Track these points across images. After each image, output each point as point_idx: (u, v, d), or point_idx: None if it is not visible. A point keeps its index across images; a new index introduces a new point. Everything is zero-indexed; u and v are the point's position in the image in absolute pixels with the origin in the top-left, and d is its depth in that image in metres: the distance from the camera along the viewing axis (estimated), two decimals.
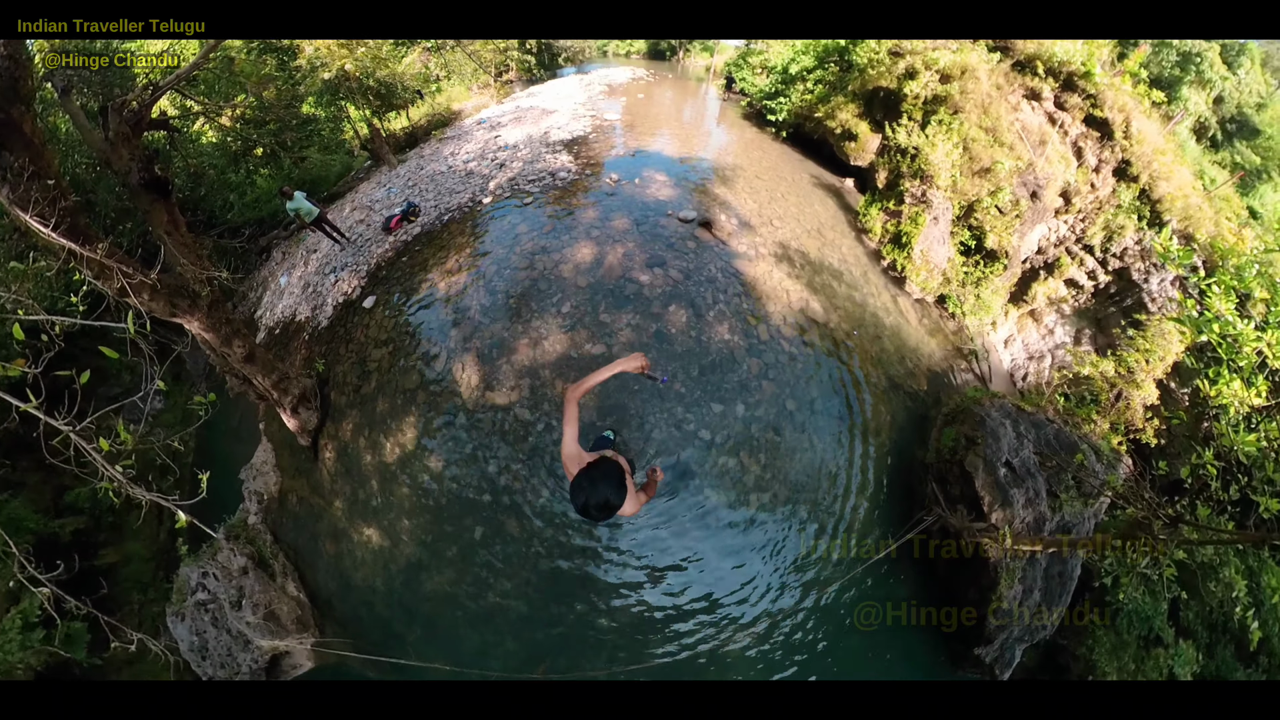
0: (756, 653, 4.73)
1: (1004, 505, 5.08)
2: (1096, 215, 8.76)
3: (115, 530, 7.03)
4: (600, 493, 2.00)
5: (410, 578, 5.08)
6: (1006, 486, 5.18)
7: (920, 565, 5.36)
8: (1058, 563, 5.40)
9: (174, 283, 4.68)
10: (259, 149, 10.25)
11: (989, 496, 5.13)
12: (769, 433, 5.26)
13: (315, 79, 9.15)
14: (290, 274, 9.21)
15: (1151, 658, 5.88)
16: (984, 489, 5.16)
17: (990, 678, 5.30)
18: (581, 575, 4.78)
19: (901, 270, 7.68)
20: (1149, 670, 5.82)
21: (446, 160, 10.02)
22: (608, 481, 2.03)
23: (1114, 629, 5.94)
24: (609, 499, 2.00)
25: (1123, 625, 5.95)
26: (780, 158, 9.75)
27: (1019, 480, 5.29)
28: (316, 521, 5.66)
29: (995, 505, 5.09)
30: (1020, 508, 5.13)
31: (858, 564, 4.99)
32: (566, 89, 11.92)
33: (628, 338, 5.50)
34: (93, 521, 6.88)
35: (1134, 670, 5.81)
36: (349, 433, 5.85)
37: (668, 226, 6.86)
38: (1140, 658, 5.88)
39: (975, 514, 5.14)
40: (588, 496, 1.99)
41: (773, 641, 4.79)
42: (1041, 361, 9.34)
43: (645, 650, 4.61)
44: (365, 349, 6.39)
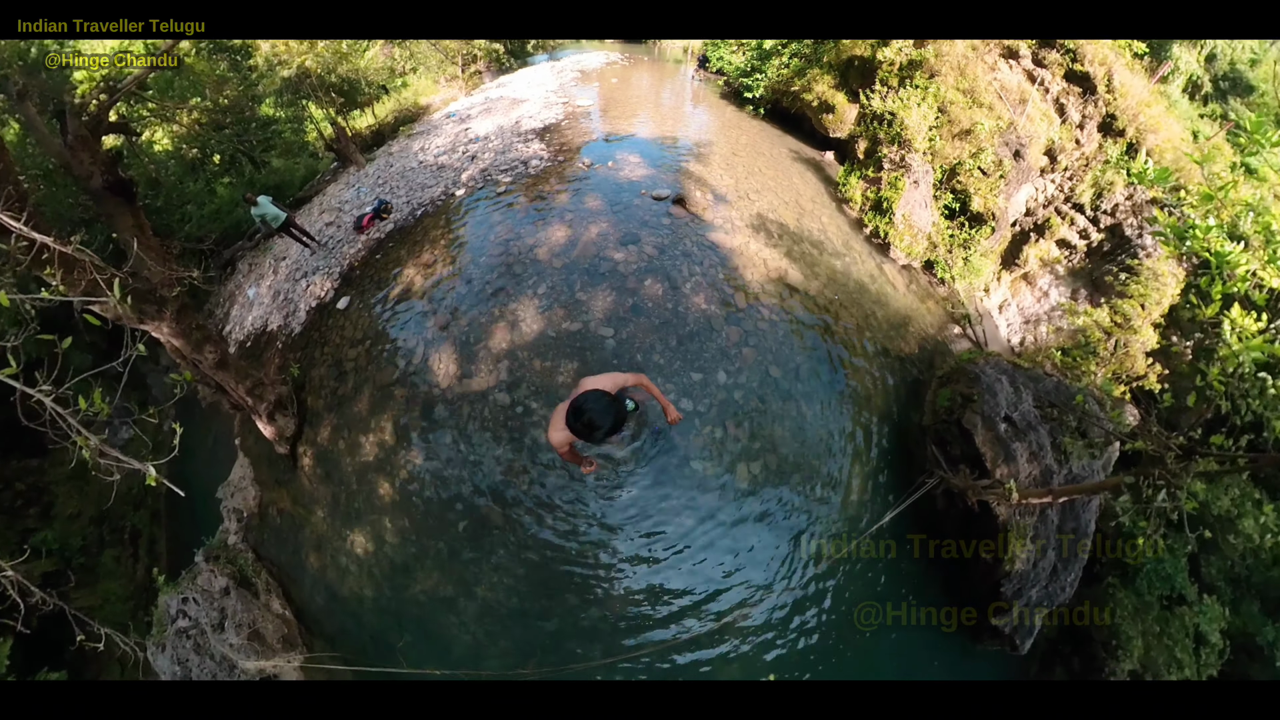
0: (758, 628, 4.62)
1: (1007, 460, 5.00)
2: (1084, 173, 8.86)
3: (88, 571, 6.87)
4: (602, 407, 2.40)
5: (397, 582, 4.98)
6: (1008, 441, 5.10)
7: (926, 529, 5.31)
8: (1071, 519, 5.30)
9: (142, 287, 4.68)
10: (217, 155, 10.28)
11: (990, 452, 5.05)
12: (753, 400, 5.18)
13: (274, 77, 9.19)
14: (259, 285, 9.16)
15: (1176, 617, 5.74)
16: (985, 445, 5.08)
17: (1012, 650, 5.17)
18: (569, 564, 4.67)
19: (885, 237, 7.74)
20: (1174, 631, 5.68)
21: (416, 156, 10.05)
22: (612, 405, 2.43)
23: (1134, 590, 5.80)
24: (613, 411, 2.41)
25: (1143, 586, 5.82)
26: (758, 134, 9.84)
27: (1020, 434, 5.21)
28: (298, 533, 5.56)
29: (998, 461, 5.01)
30: (1024, 462, 5.04)
31: (861, 534, 5.01)
32: (538, 77, 12.00)
33: (604, 314, 5.48)
34: (63, 563, 6.70)
35: (1159, 633, 5.66)
36: (327, 436, 5.75)
37: (641, 205, 6.84)
38: (1164, 619, 5.75)
39: (978, 472, 5.06)
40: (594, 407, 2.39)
41: (772, 619, 4.68)
42: (1038, 325, 9.41)
43: (641, 637, 4.50)
44: (341, 350, 6.32)
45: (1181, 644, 5.68)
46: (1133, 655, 5.50)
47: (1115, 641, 5.54)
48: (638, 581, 4.63)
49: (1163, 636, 5.72)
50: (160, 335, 5.06)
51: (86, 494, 7.83)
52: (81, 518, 7.37)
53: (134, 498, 7.76)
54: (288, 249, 9.24)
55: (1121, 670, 5.50)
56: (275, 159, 11.12)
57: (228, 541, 5.86)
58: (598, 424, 2.37)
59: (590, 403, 2.39)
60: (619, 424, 2.45)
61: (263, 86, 9.62)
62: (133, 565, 7.37)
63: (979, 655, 5.40)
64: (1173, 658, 5.60)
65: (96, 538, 7.26)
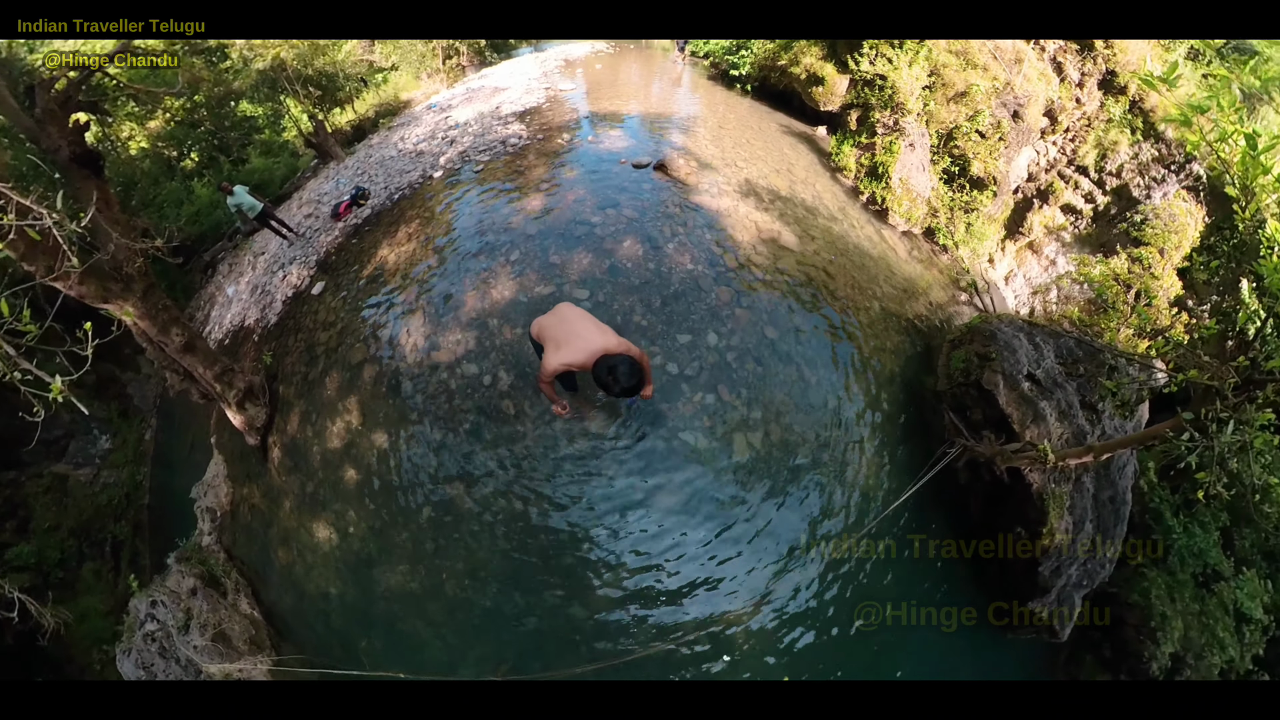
0: (764, 626, 4.05)
1: (1036, 420, 4.45)
2: (1086, 133, 8.50)
3: (67, 587, 6.55)
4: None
5: (362, 577, 4.52)
6: (1034, 399, 4.56)
7: (950, 504, 4.88)
8: (1107, 486, 4.75)
9: (107, 263, 4.47)
10: (195, 153, 10.07)
11: (1017, 413, 4.49)
12: (749, 363, 4.65)
13: (249, 71, 9.02)
14: (238, 282, 8.91)
15: (1214, 594, 5.32)
16: (1009, 405, 4.53)
17: (1051, 637, 4.58)
18: (546, 555, 4.13)
19: (882, 202, 7.34)
20: (1213, 608, 5.23)
21: (396, 145, 9.80)
22: None
23: (1166, 568, 5.32)
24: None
25: (1175, 564, 5.36)
26: (747, 111, 9.53)
27: (1046, 392, 4.67)
28: (268, 529, 5.19)
29: (1027, 421, 4.45)
30: (1054, 421, 4.50)
31: (880, 513, 4.50)
32: (521, 67, 11.79)
33: (579, 275, 5.01)
34: (40, 579, 6.40)
35: (1198, 611, 5.20)
36: (296, 423, 5.39)
37: (621, 173, 6.44)
38: (1201, 596, 5.31)
39: (1004, 437, 4.50)
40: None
41: (782, 614, 4.11)
42: (1047, 295, 8.96)
43: (631, 637, 3.94)
44: (314, 334, 6.01)
45: (1222, 622, 5.26)
46: (1172, 637, 5.00)
47: (1152, 624, 5.03)
48: (626, 574, 4.07)
49: (1202, 616, 5.28)
50: (124, 316, 4.72)
51: (66, 506, 7.56)
52: (60, 530, 7.06)
53: (114, 509, 7.48)
54: (266, 244, 9.01)
55: (1162, 654, 4.98)
56: (255, 157, 10.91)
57: (202, 543, 5.55)
58: (624, 384, 2.90)
59: (622, 364, 2.91)
60: (638, 388, 2.97)
61: (238, 81, 9.44)
62: (114, 578, 7.03)
63: (1006, 646, 4.88)
64: (1214, 638, 5.17)
65: (75, 551, 6.96)
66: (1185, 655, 5.12)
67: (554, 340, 3.21)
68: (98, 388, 8.69)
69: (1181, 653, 5.10)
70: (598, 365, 2.95)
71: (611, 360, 2.92)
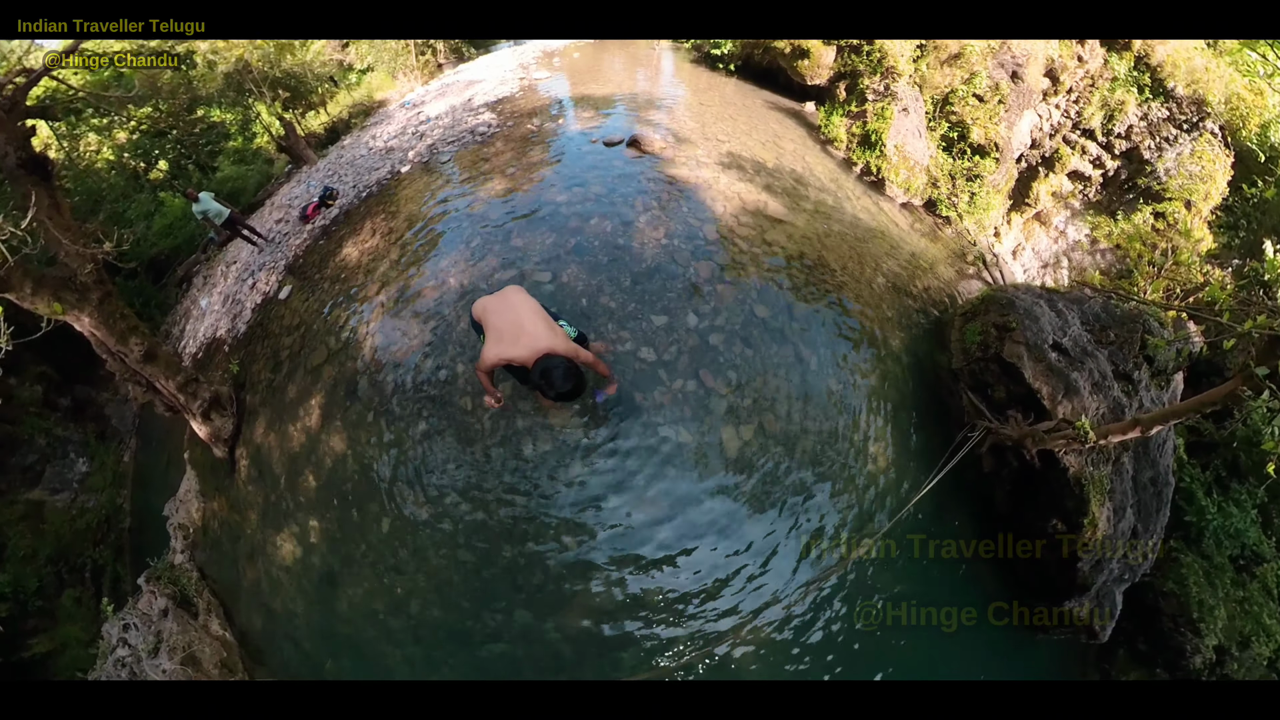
0: (764, 647, 3.51)
1: (1069, 394, 3.85)
2: (1090, 94, 7.95)
3: (46, 615, 6.22)
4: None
5: (325, 594, 4.13)
6: (1065, 371, 3.96)
7: (972, 497, 4.33)
8: (1148, 466, 4.16)
9: (59, 274, 4.35)
10: (163, 163, 9.72)
11: (1047, 387, 3.91)
12: (737, 345, 4.07)
13: (214, 75, 8.67)
14: (211, 294, 8.58)
15: (1256, 578, 4.87)
16: (1037, 379, 3.95)
17: (1090, 638, 4.02)
18: (514, 570, 3.62)
19: (878, 173, 6.80)
20: (1255, 593, 4.79)
21: (367, 144, 9.42)
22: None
23: (1201, 552, 4.84)
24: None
25: (1209, 548, 4.88)
26: (731, 90, 9.06)
27: (1076, 362, 4.07)
28: (235, 543, 4.88)
29: (1058, 396, 3.87)
30: (1089, 395, 3.90)
31: (898, 511, 3.93)
32: (499, 60, 11.43)
33: (541, 256, 4.51)
34: (18, 608, 6.07)
35: (1240, 597, 4.74)
36: (261, 431, 5.09)
37: (591, 151, 5.96)
38: (1241, 581, 4.87)
39: (1033, 415, 3.94)
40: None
41: (785, 630, 3.57)
42: (1057, 268, 8.39)
43: (611, 662, 3.46)
44: (279, 339, 5.73)
45: (1267, 608, 4.81)
46: (1215, 627, 4.52)
47: (1195, 614, 4.55)
48: (605, 589, 3.52)
49: (1244, 602, 4.83)
50: (81, 326, 4.64)
51: (43, 533, 7.21)
52: (37, 558, 6.66)
53: (94, 534, 7.14)
54: (238, 253, 8.71)
55: (1205, 646, 4.49)
56: (226, 165, 10.56)
57: (174, 561, 5.24)
58: (558, 389, 2.67)
59: (558, 368, 2.68)
60: (575, 393, 2.72)
61: (203, 86, 9.08)
62: (95, 605, 6.67)
63: (1039, 646, 4.33)
64: (1259, 625, 4.72)
65: (54, 578, 6.60)
66: (1229, 646, 4.66)
67: (496, 330, 2.92)
68: (74, 410, 8.41)
69: (1225, 643, 4.64)
70: (535, 365, 2.73)
71: (548, 362, 2.70)
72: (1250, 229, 7.26)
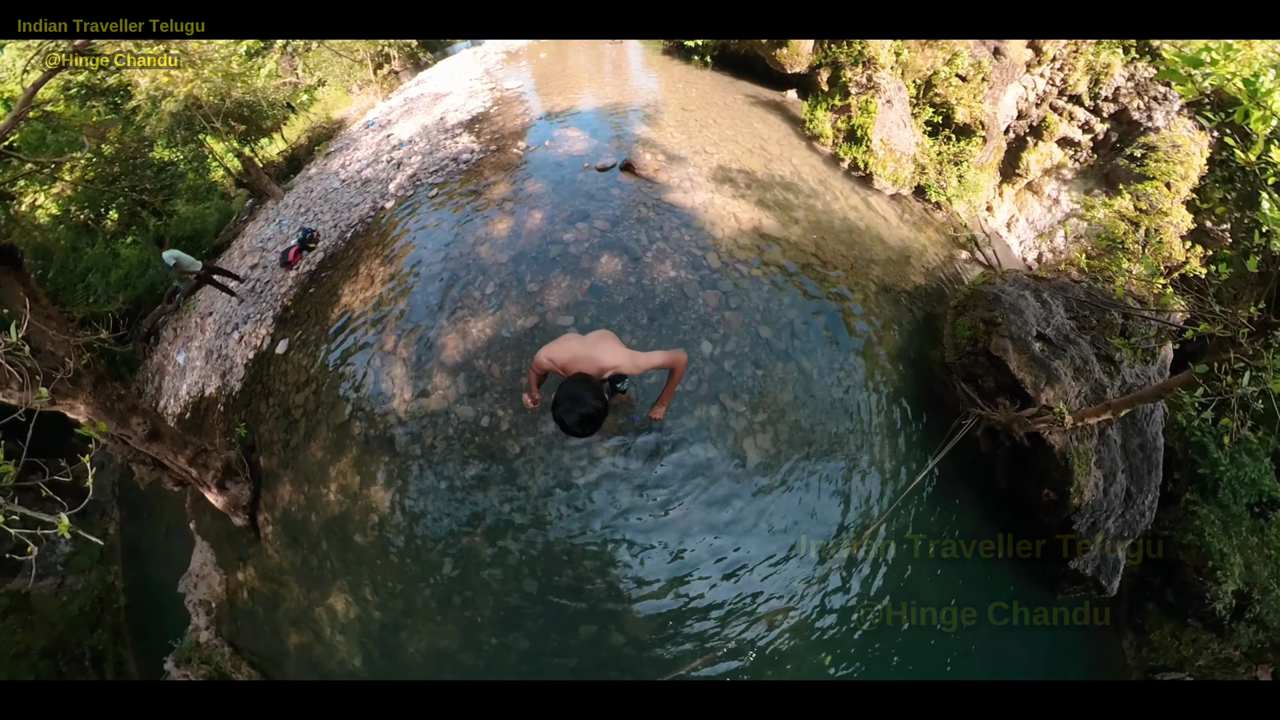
0: (807, 635, 4.52)
1: (1050, 382, 4.86)
2: (1075, 60, 8.90)
3: None
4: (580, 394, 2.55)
5: (390, 646, 4.83)
6: (1047, 360, 4.97)
7: (974, 474, 5.34)
8: (1135, 435, 5.18)
9: (47, 364, 4.49)
10: (114, 212, 10.24)
11: (1030, 377, 4.91)
12: (748, 367, 5.02)
13: (160, 114, 9.21)
14: (188, 348, 9.05)
15: (1273, 524, 5.64)
16: (1021, 370, 4.95)
17: (1099, 592, 5.02)
18: (576, 589, 4.51)
19: (865, 167, 7.76)
20: (1273, 538, 5.56)
21: (338, 175, 10.02)
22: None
23: (1217, 503, 5.67)
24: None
25: (1226, 496, 5.69)
26: (709, 85, 9.87)
27: (1059, 351, 5.09)
28: (274, 611, 5.42)
29: (1041, 385, 4.88)
30: (1070, 380, 4.91)
31: (903, 492, 4.86)
32: (460, 67, 11.99)
33: (560, 301, 5.34)
34: None
35: (1257, 543, 5.54)
36: (286, 495, 5.62)
37: (586, 179, 6.74)
38: (1259, 528, 5.63)
39: (1020, 402, 4.93)
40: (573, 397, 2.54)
41: (826, 605, 4.62)
42: (1053, 238, 9.46)
43: (669, 660, 4.39)
44: (287, 397, 6.20)
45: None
46: (1233, 574, 5.36)
47: (1211, 563, 5.38)
48: (659, 596, 4.47)
49: (1262, 548, 5.61)
50: (77, 415, 4.85)
51: (32, 625, 7.45)
52: (30, 653, 6.97)
53: (88, 618, 7.44)
54: (212, 303, 9.12)
55: (1225, 593, 5.37)
56: (181, 206, 11.11)
57: (199, 640, 5.71)
58: (565, 421, 2.49)
59: (580, 404, 2.52)
60: (590, 419, 2.52)
61: (150, 126, 9.63)
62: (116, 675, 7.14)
63: (1061, 604, 5.25)
64: (1278, 568, 5.51)
65: (51, 672, 6.95)
66: (1250, 591, 5.48)
67: (575, 340, 3.12)
68: (49, 486, 8.86)
69: (1245, 589, 5.46)
70: (563, 386, 2.58)
71: (572, 390, 2.53)
72: (1245, 184, 8.34)
